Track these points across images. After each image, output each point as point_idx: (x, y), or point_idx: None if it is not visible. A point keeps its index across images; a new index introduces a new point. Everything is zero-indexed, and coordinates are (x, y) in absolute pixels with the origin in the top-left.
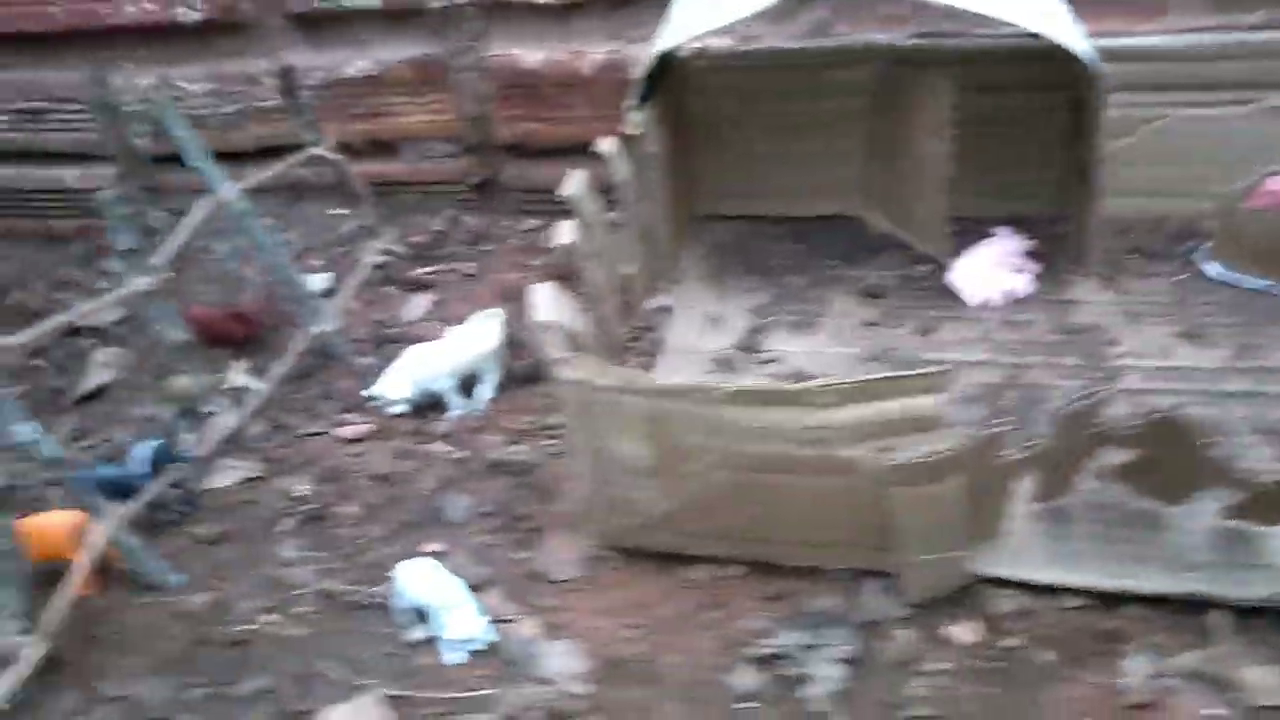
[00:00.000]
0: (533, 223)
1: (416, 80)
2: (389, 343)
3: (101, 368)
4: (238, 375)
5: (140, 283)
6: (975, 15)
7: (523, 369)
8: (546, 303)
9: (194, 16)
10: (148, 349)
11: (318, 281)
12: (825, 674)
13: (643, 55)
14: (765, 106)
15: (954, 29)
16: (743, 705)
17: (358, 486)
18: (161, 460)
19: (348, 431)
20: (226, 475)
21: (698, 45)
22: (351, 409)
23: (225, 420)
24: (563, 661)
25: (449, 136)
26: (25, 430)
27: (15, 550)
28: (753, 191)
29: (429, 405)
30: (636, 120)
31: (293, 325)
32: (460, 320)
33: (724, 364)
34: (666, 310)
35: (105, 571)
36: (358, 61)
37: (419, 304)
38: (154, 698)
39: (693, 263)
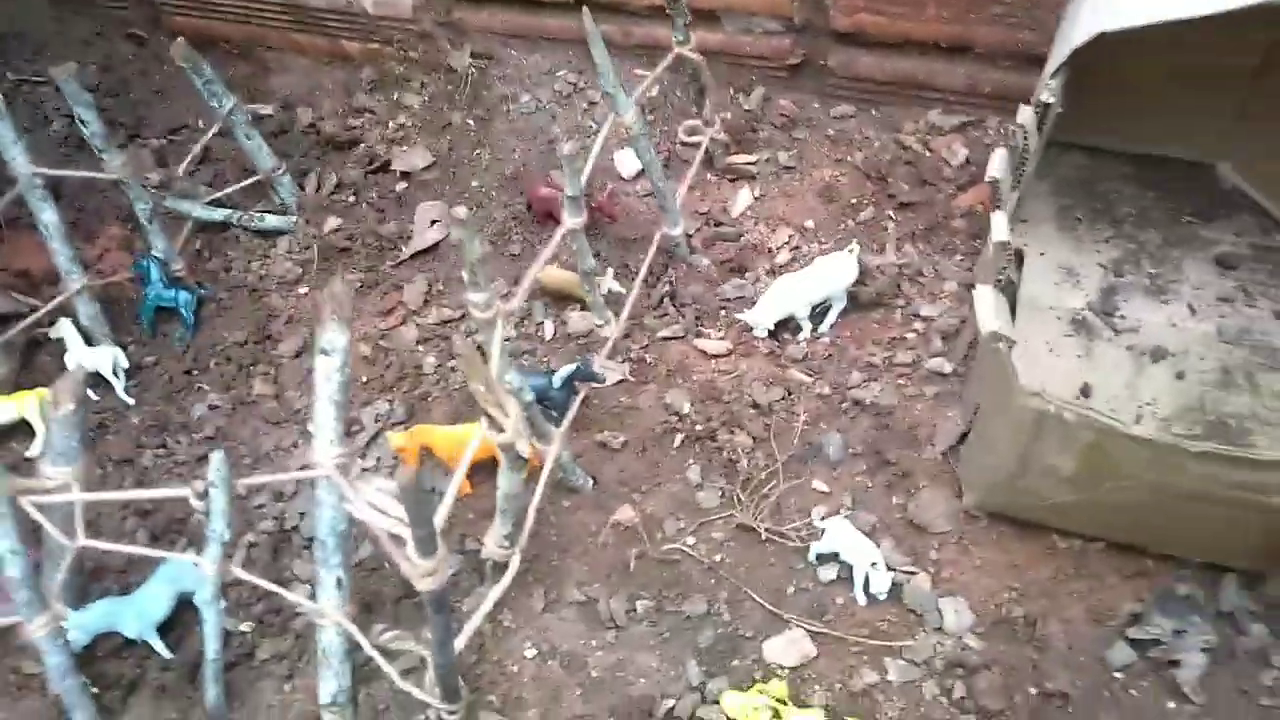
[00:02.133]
0: (845, 109)
1: None
2: (722, 240)
3: (430, 225)
4: (608, 280)
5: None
6: None
7: (866, 295)
8: (989, 311)
9: None
10: (479, 214)
11: (627, 158)
12: (1193, 660)
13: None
14: (1144, 47)
15: None
16: (1118, 676)
17: (738, 415)
18: (579, 378)
19: (709, 346)
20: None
21: None
22: (703, 318)
23: (608, 331)
24: (956, 616)
25: (776, 14)
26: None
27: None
28: (1110, 127)
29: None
30: (1054, 88)
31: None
32: (782, 220)
33: (1081, 327)
34: (1018, 252)
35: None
36: None
37: (742, 198)
38: (611, 607)
39: (1042, 198)
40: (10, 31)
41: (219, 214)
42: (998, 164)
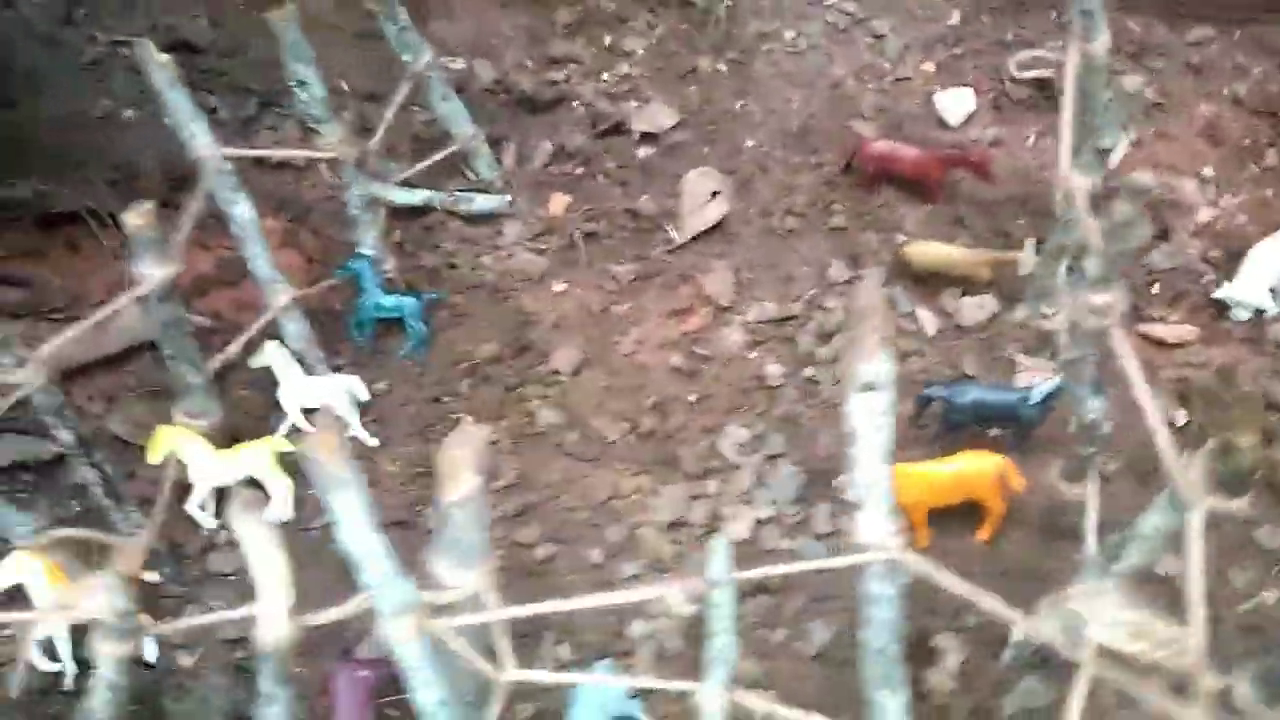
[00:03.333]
0: (1204, 32)
1: None
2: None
3: (710, 198)
4: (1029, 254)
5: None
6: None
7: None
8: None
9: None
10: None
11: (952, 101)
12: None
13: None
14: None
15: None
16: None
17: (1258, 420)
18: (1055, 398)
19: (1164, 332)
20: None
21: None
22: (1137, 295)
23: (1053, 321)
24: None
25: None
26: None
27: None
28: None
29: None
30: None
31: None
32: (1170, 168)
33: None
34: None
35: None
36: None
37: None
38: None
39: None
40: None
41: (417, 196)
42: None
